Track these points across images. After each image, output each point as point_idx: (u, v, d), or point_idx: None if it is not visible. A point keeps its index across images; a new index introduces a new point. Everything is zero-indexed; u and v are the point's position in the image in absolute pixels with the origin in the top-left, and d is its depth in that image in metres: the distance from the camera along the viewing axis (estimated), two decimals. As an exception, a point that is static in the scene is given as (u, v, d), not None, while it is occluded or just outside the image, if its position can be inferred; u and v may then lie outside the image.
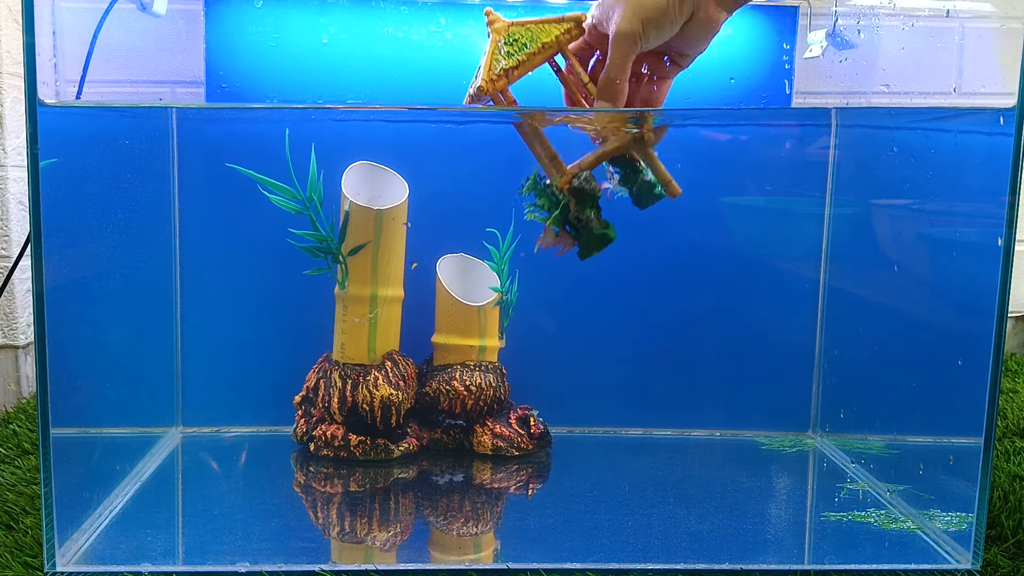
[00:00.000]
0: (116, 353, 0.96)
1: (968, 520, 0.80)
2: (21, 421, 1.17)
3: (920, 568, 0.79)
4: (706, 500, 0.94)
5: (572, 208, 0.93)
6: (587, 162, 0.93)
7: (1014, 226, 0.75)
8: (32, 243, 0.73)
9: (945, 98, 0.92)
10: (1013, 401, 1.28)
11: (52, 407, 0.75)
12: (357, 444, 1.01)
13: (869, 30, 1.00)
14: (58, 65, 0.81)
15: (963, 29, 0.91)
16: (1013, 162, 0.74)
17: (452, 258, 1.07)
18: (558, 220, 0.93)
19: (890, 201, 1.04)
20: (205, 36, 1.06)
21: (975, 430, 0.79)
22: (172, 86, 1.08)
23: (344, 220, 1.00)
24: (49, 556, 0.76)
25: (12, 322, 1.26)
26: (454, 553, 0.82)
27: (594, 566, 0.77)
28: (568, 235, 0.94)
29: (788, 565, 0.78)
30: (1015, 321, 1.58)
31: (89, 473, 0.87)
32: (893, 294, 1.01)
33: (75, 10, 0.87)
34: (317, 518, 0.89)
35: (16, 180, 1.25)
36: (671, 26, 0.82)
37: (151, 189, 1.04)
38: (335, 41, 1.06)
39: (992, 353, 0.77)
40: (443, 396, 1.03)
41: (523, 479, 0.99)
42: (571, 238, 0.94)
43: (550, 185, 0.93)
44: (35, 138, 0.71)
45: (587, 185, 0.91)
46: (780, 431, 1.14)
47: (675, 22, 0.82)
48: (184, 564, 0.77)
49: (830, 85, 1.08)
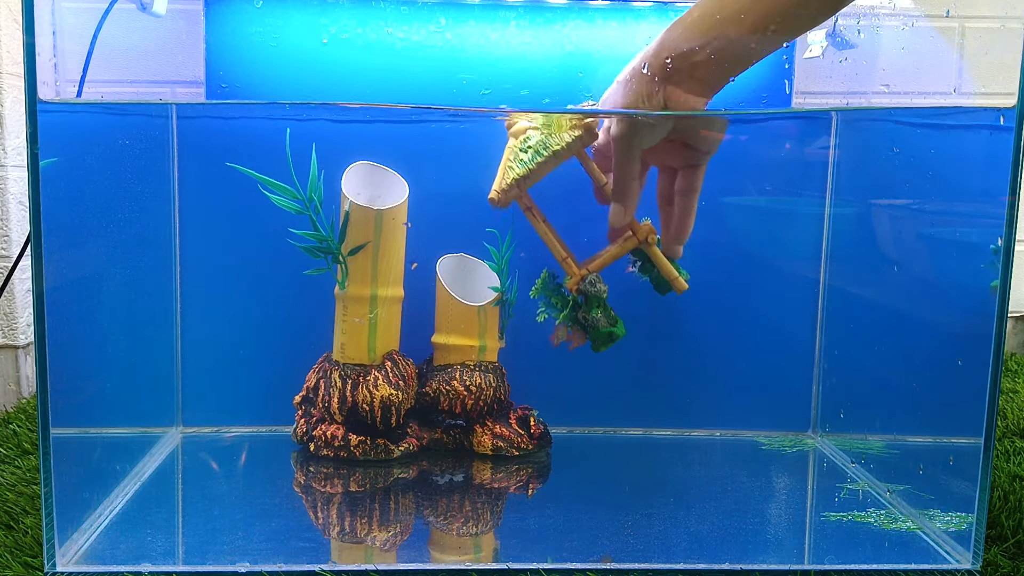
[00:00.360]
0: (116, 353, 0.96)
1: (968, 520, 0.80)
2: (21, 421, 1.17)
3: (920, 568, 0.79)
4: (706, 500, 0.94)
5: (581, 308, 0.99)
6: (596, 264, 0.98)
7: (1014, 226, 0.75)
8: (32, 243, 0.73)
9: (945, 98, 0.92)
10: (1013, 401, 1.28)
11: (52, 407, 0.75)
12: (357, 444, 1.01)
13: (869, 30, 1.00)
14: (58, 65, 0.81)
15: (963, 29, 0.91)
16: (1013, 162, 0.74)
17: (452, 258, 1.07)
18: (568, 318, 0.98)
19: (890, 201, 1.04)
20: (205, 36, 1.06)
21: (975, 430, 0.79)
22: (172, 86, 1.08)
23: (344, 220, 1.00)
24: (49, 556, 0.76)
25: (12, 322, 1.26)
26: (454, 553, 0.82)
27: (594, 566, 0.77)
28: (579, 331, 0.99)
29: (788, 565, 0.78)
30: (1015, 321, 1.58)
31: (89, 473, 0.87)
32: (893, 294, 1.01)
33: (75, 10, 0.87)
34: (317, 518, 0.89)
35: (16, 180, 1.25)
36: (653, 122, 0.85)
37: (151, 189, 1.04)
38: (335, 41, 1.06)
39: (992, 353, 0.77)
40: (443, 396, 1.03)
41: (523, 479, 0.99)
42: (582, 333, 1.00)
43: (560, 285, 1.00)
44: (35, 138, 0.71)
45: (592, 289, 0.97)
46: (780, 431, 1.14)
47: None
48: (184, 564, 0.77)
49: (830, 85, 1.08)
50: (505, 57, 1.07)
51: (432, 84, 1.07)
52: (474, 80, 1.07)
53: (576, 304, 0.99)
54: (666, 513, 0.90)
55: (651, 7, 1.07)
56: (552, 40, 1.07)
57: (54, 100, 0.77)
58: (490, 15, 1.07)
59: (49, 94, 0.74)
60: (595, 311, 0.98)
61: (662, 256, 0.96)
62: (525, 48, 1.07)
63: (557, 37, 1.07)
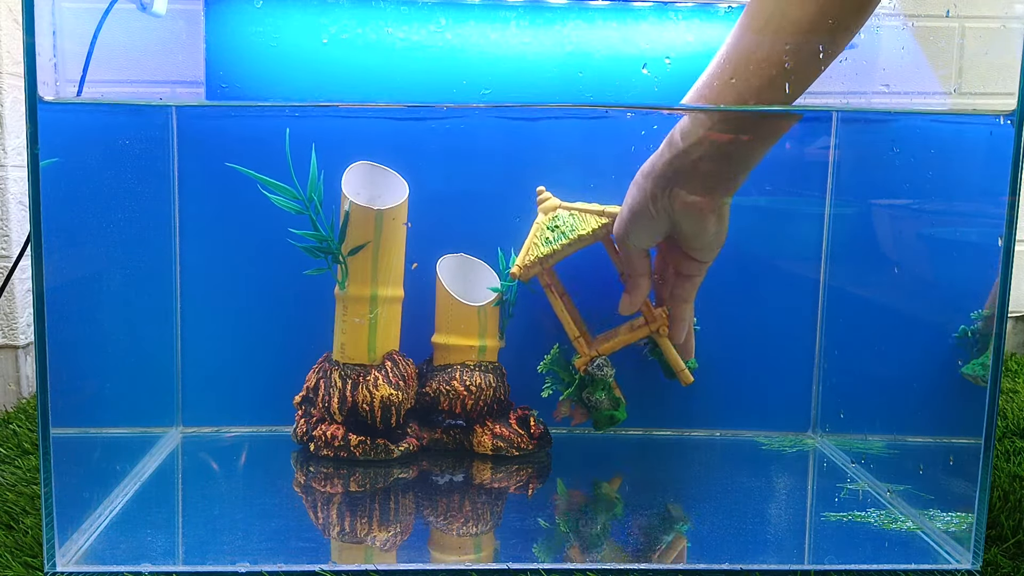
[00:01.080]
0: (116, 353, 0.96)
1: (968, 520, 0.80)
2: (21, 421, 1.17)
3: (920, 568, 0.79)
4: (706, 500, 0.94)
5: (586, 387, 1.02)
6: (606, 347, 1.01)
7: (1014, 226, 0.75)
8: (32, 243, 0.73)
9: (945, 98, 0.92)
10: (1013, 401, 1.28)
11: (52, 407, 0.75)
12: (357, 444, 1.01)
13: (869, 30, 1.00)
14: (58, 65, 0.81)
15: (963, 29, 0.91)
16: (1013, 162, 0.74)
17: (452, 258, 1.07)
18: (572, 395, 1.02)
19: (890, 201, 1.04)
20: (205, 36, 1.06)
21: (975, 430, 0.79)
22: (172, 86, 1.08)
23: (344, 220, 1.00)
24: (49, 556, 0.76)
25: (12, 322, 1.26)
26: (454, 553, 0.82)
27: (594, 566, 0.77)
28: (582, 407, 1.03)
29: (788, 565, 0.78)
30: (1015, 321, 1.58)
31: (89, 473, 0.87)
32: (893, 294, 1.01)
33: (75, 10, 0.87)
34: (317, 518, 0.89)
35: (16, 180, 1.25)
36: (651, 223, 0.88)
37: (151, 189, 1.04)
38: (335, 41, 1.06)
39: (992, 353, 0.77)
40: (443, 396, 1.03)
41: (523, 479, 0.99)
42: (584, 410, 1.03)
43: (569, 362, 1.03)
44: (35, 138, 0.71)
45: (598, 372, 1.00)
46: (780, 431, 1.14)
47: (655, 219, 0.88)
48: (184, 564, 0.77)
49: (830, 85, 1.08)
50: (505, 57, 1.07)
51: (432, 84, 1.07)
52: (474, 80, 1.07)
53: (583, 383, 1.01)
54: (666, 513, 0.90)
55: (651, 7, 1.07)
56: (552, 40, 1.07)
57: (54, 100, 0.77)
58: (490, 15, 1.07)
59: (49, 94, 0.74)
60: (599, 393, 1.01)
61: (671, 348, 0.99)
62: (525, 48, 1.07)
63: (557, 37, 1.07)
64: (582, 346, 1.01)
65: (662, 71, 1.06)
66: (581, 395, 1.02)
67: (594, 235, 0.97)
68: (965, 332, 0.90)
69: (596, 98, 1.07)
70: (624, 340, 1.01)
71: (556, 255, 0.97)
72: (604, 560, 0.79)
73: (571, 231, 0.96)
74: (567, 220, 0.97)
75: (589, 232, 0.96)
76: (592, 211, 0.98)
